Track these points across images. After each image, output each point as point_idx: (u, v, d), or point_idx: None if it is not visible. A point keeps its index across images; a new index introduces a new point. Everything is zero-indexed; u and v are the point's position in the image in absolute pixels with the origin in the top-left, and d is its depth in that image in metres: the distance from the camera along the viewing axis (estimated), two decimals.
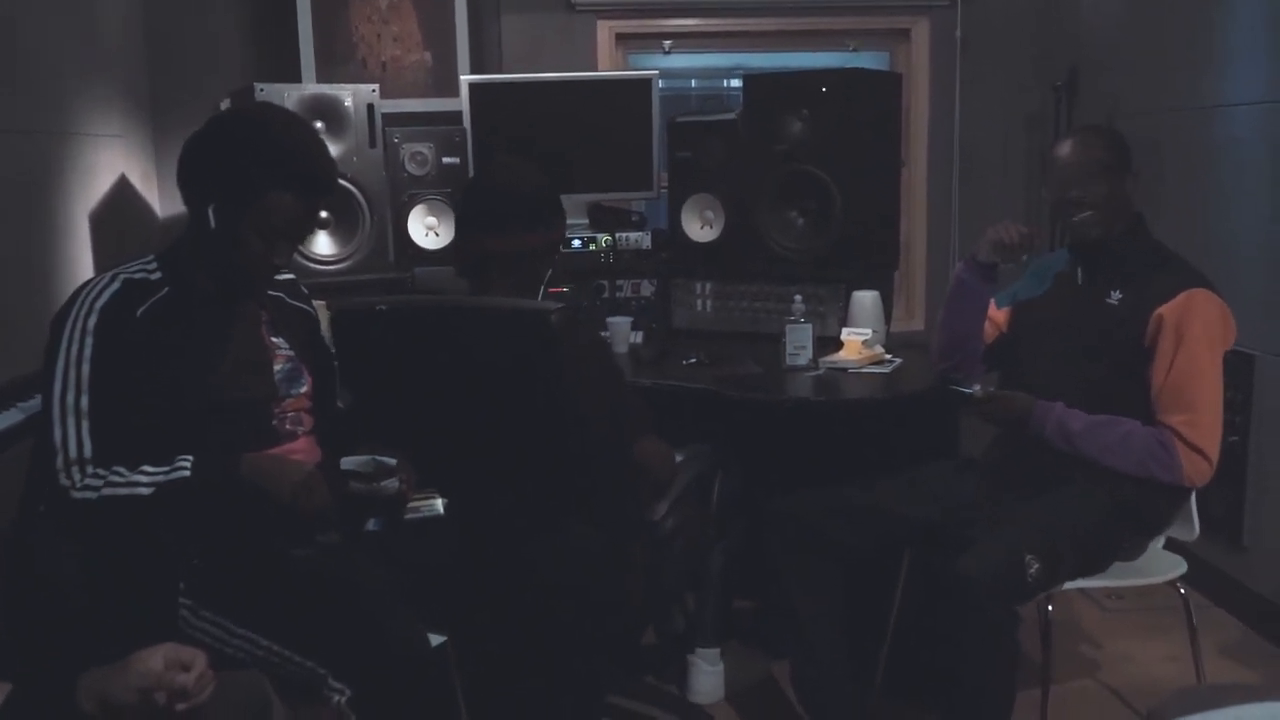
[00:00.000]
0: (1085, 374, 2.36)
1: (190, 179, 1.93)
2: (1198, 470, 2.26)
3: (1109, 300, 2.37)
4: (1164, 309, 2.27)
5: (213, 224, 1.89)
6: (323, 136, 3.15)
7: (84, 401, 1.81)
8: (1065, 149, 2.42)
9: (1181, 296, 2.27)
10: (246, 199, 1.88)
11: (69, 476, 1.80)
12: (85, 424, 1.81)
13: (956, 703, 2.19)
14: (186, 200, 1.95)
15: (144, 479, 1.81)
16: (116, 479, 1.80)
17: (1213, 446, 2.27)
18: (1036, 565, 2.13)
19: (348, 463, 2.04)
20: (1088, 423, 2.30)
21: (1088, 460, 2.30)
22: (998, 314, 2.67)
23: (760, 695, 2.84)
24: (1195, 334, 2.25)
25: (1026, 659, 2.42)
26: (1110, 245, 2.40)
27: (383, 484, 2.02)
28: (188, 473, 1.81)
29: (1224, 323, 2.31)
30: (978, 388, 2.42)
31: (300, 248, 3.15)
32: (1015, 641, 2.18)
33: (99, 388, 1.82)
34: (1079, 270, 2.47)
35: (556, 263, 2.41)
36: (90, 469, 1.80)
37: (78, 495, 1.79)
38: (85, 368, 1.82)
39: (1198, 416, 2.26)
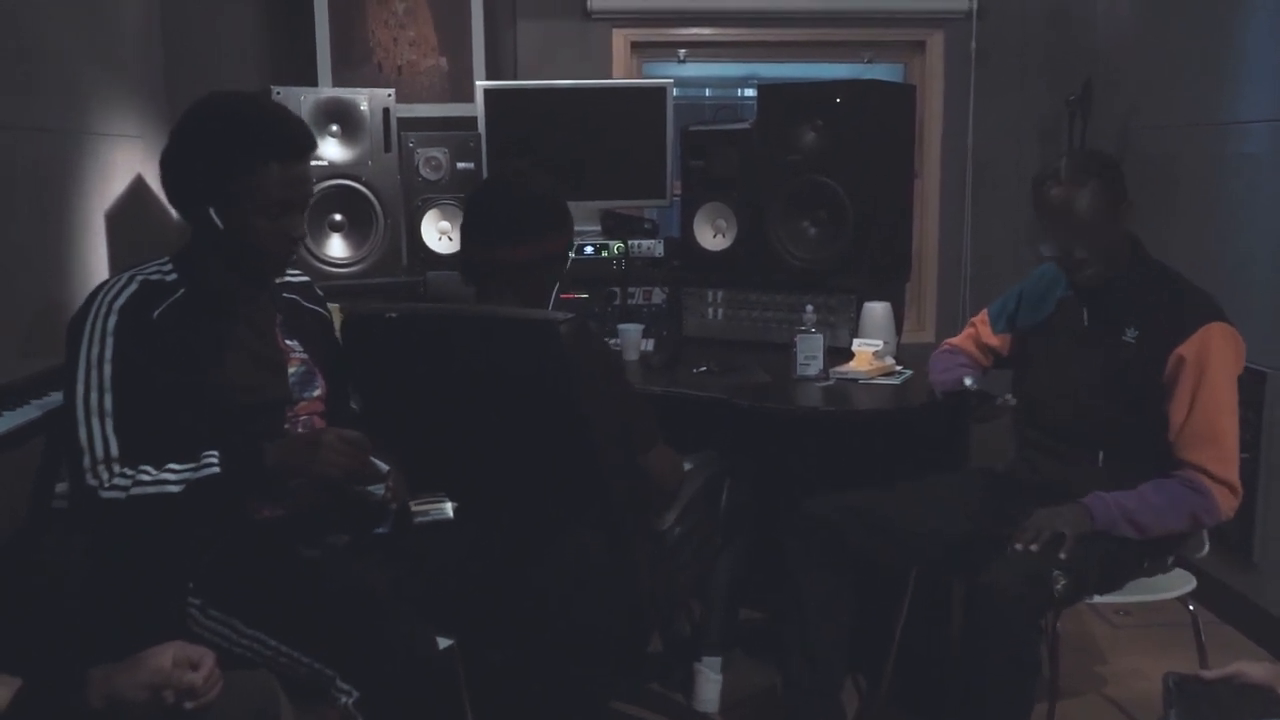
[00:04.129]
0: (1105, 413, 2.34)
1: (178, 190, 1.94)
2: (1229, 504, 2.26)
3: (1124, 339, 2.33)
4: (1183, 349, 2.24)
5: (220, 224, 1.90)
6: (337, 140, 3.23)
7: (108, 401, 1.82)
8: (1062, 198, 2.29)
9: (1199, 333, 2.23)
10: (237, 185, 1.89)
11: (96, 476, 1.80)
12: (110, 423, 1.82)
13: (973, 713, 2.18)
14: (185, 213, 1.95)
15: (172, 476, 1.81)
16: (145, 478, 1.80)
17: (1237, 477, 2.26)
18: (1063, 581, 2.13)
19: None
20: (1141, 503, 2.24)
21: (1152, 535, 2.26)
22: (994, 338, 2.67)
23: (764, 705, 2.84)
24: (1215, 369, 2.23)
25: None
26: (1116, 286, 2.36)
27: (369, 488, 2.02)
28: (217, 469, 1.81)
29: (1239, 352, 2.29)
30: (1009, 396, 2.45)
31: (313, 249, 3.18)
32: (1037, 655, 2.17)
33: (121, 387, 1.83)
34: (1085, 311, 2.42)
35: (565, 271, 2.40)
36: (117, 468, 1.81)
37: (106, 495, 1.79)
38: (107, 368, 1.83)
39: (1222, 451, 2.25)
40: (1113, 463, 2.33)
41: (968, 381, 2.47)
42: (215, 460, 1.82)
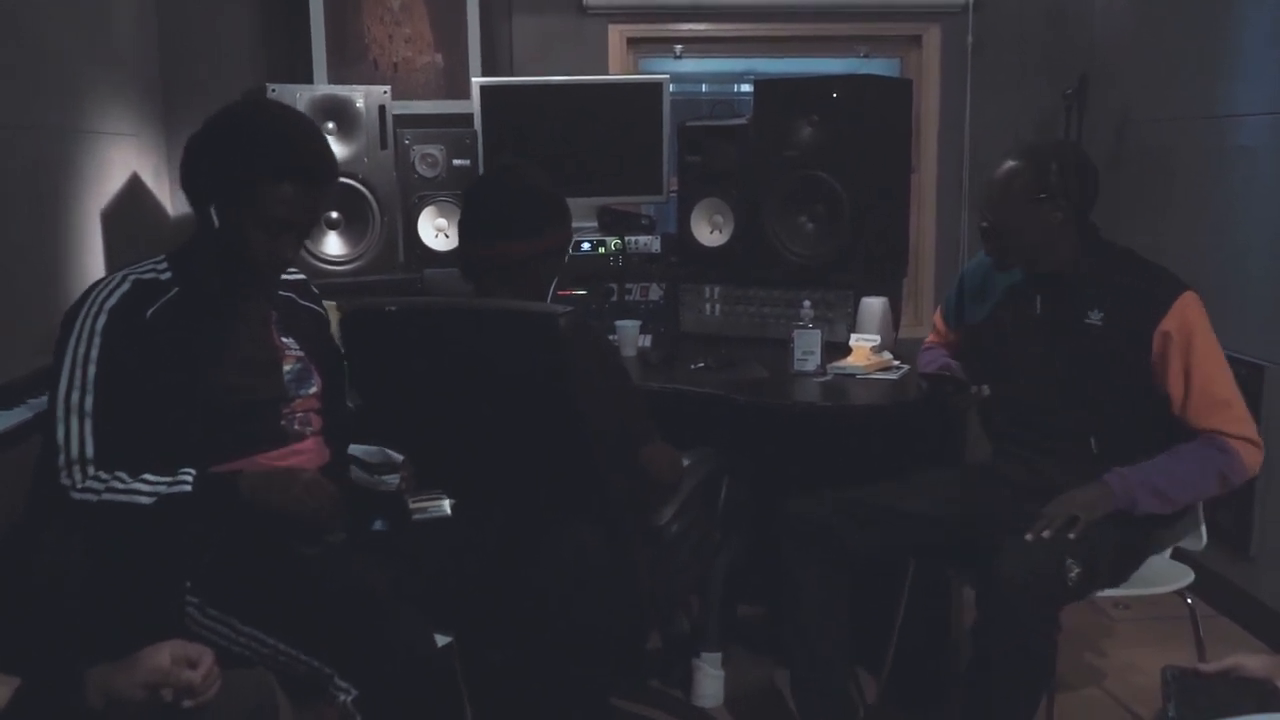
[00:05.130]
0: (1091, 400, 2.33)
1: (191, 180, 1.94)
2: (1254, 459, 2.27)
3: (1089, 320, 2.33)
4: (1165, 324, 2.24)
5: (216, 223, 1.90)
6: (334, 137, 3.22)
7: (88, 402, 1.82)
8: (1000, 166, 2.37)
9: (1176, 306, 2.25)
10: (245, 194, 1.89)
11: (70, 476, 1.80)
12: (89, 424, 1.81)
13: (982, 702, 2.18)
14: (191, 202, 1.96)
15: (145, 488, 1.80)
16: (118, 485, 1.80)
17: (1254, 430, 2.28)
18: (1077, 570, 2.12)
19: (357, 449, 2.04)
20: (1165, 473, 2.25)
21: (1180, 505, 2.28)
22: (949, 334, 2.72)
23: (763, 700, 2.84)
24: (1201, 336, 2.26)
25: None
26: (1065, 268, 2.36)
27: (383, 478, 2.02)
28: (189, 488, 1.81)
29: (1206, 312, 2.31)
30: (983, 387, 2.47)
31: (309, 246, 3.17)
32: (1047, 647, 2.16)
33: (104, 389, 1.82)
34: (1037, 299, 2.41)
35: (563, 266, 2.40)
36: (92, 469, 1.80)
37: (77, 496, 1.79)
38: (92, 368, 1.82)
39: (1234, 409, 2.27)
40: (1106, 447, 2.33)
41: (947, 366, 2.56)
42: (189, 480, 1.82)
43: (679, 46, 4.12)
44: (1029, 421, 2.42)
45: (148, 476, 1.81)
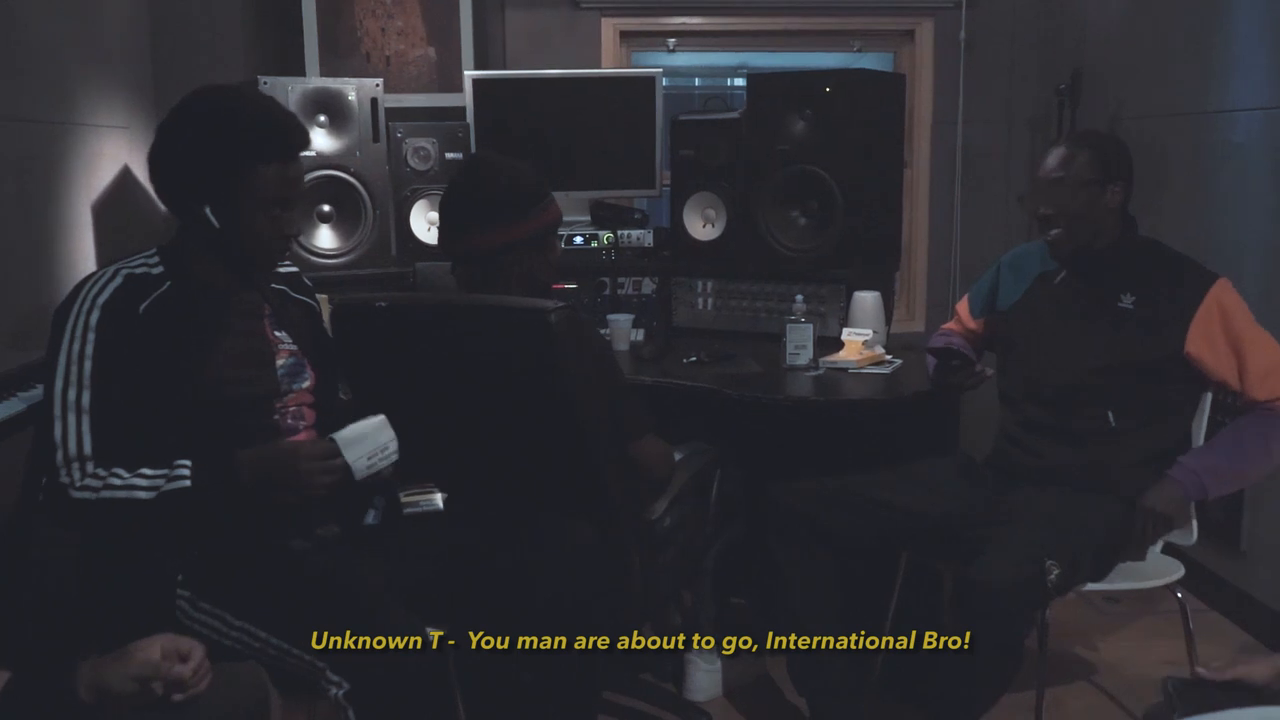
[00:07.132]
0: (1116, 375, 2.37)
1: (172, 187, 1.92)
2: None
3: (1121, 304, 2.39)
4: (1201, 315, 2.31)
5: (216, 224, 1.89)
6: (325, 130, 3.21)
7: (85, 398, 1.81)
8: (1046, 161, 2.43)
9: (1210, 297, 2.32)
10: (241, 185, 1.88)
11: (69, 474, 1.79)
12: (86, 421, 1.81)
13: (950, 693, 2.20)
14: (178, 209, 1.93)
15: (143, 483, 1.80)
16: (116, 481, 1.79)
17: None
18: (1057, 571, 2.14)
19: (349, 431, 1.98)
20: (1227, 456, 2.30)
21: (1250, 481, 2.38)
22: (973, 323, 2.73)
23: (756, 693, 2.85)
24: (1239, 317, 2.33)
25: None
26: (1104, 252, 2.41)
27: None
28: (188, 482, 1.80)
29: (1237, 292, 2.38)
30: (988, 368, 2.54)
31: (301, 240, 3.17)
32: (1021, 643, 2.18)
33: (100, 385, 1.82)
34: (1075, 278, 2.47)
35: (545, 258, 2.34)
36: (90, 467, 1.80)
37: (76, 494, 1.79)
38: (87, 365, 1.82)
39: None
40: (1123, 420, 2.37)
41: (954, 344, 2.59)
42: (186, 472, 1.81)
43: (672, 40, 4.12)
44: (1050, 396, 2.45)
45: (145, 471, 1.81)
